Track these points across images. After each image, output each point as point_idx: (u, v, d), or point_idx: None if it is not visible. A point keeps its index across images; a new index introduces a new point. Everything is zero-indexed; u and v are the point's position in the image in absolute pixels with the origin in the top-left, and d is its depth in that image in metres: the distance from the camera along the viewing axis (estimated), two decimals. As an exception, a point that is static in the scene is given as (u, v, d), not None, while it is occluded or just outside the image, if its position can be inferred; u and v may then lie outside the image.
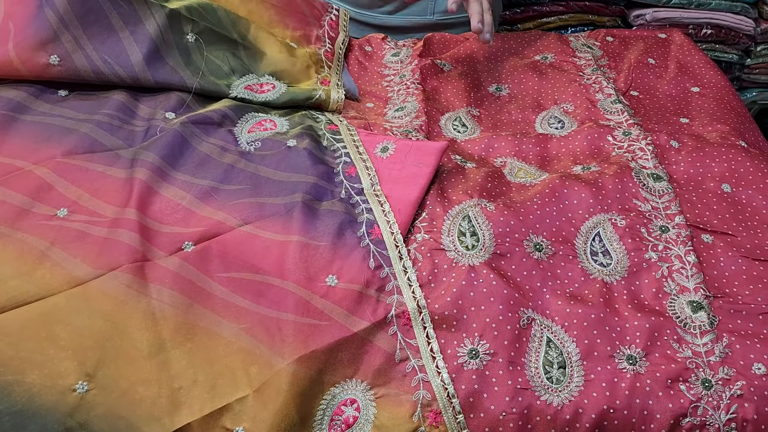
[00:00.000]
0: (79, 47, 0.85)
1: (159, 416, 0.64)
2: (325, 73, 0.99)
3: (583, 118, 0.98)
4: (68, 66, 0.85)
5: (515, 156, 0.92)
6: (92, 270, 0.69)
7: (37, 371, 0.63)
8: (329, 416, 0.67)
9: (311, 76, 0.97)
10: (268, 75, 0.94)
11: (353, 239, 0.73)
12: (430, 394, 0.67)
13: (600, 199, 0.83)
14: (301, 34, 1.04)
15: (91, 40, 0.86)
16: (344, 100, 0.97)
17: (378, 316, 0.69)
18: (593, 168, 0.88)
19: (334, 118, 0.93)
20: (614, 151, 0.91)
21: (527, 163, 0.92)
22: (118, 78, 0.87)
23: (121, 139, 0.81)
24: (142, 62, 0.86)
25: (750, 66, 1.49)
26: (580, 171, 0.88)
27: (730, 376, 0.69)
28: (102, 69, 0.86)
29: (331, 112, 0.95)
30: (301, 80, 0.96)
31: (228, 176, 0.79)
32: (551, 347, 0.70)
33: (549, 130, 0.98)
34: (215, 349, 0.67)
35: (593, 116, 0.98)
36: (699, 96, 1.05)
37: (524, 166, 0.91)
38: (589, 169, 0.88)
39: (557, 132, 0.97)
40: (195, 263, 0.70)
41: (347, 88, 1.00)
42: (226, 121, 0.87)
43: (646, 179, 0.86)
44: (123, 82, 0.87)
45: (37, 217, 0.73)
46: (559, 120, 0.99)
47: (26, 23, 0.84)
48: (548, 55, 1.11)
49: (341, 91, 0.96)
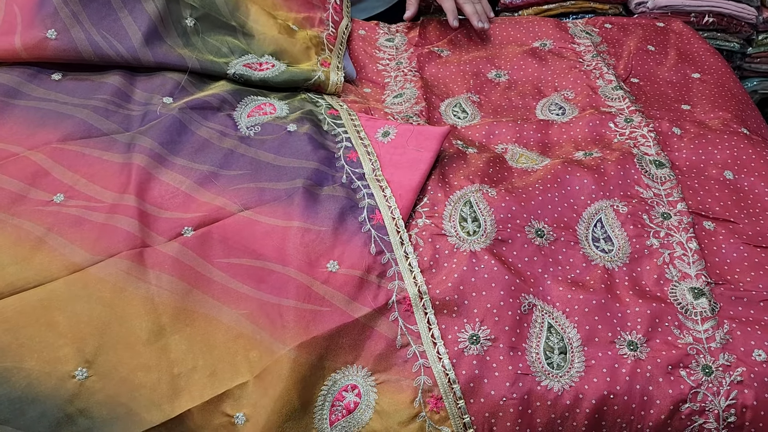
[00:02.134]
0: (77, 22, 0.84)
1: (159, 402, 0.64)
2: (325, 55, 0.98)
3: (584, 104, 0.97)
4: (66, 41, 0.83)
5: (516, 142, 0.92)
6: (90, 256, 0.68)
7: (36, 357, 0.63)
8: (330, 402, 0.67)
9: (311, 57, 0.96)
10: (268, 55, 0.93)
11: (354, 224, 0.73)
12: (431, 379, 0.67)
13: (602, 185, 0.82)
14: (304, 17, 1.03)
15: (90, 16, 0.85)
16: (343, 83, 0.96)
17: (379, 302, 0.69)
18: (595, 154, 0.88)
19: (334, 102, 0.92)
20: (616, 137, 0.91)
21: (528, 149, 0.91)
22: (118, 55, 0.85)
23: (118, 123, 0.80)
24: (142, 40, 0.85)
25: (751, 55, 1.48)
26: (582, 157, 0.88)
27: (730, 362, 0.69)
28: (101, 45, 0.84)
29: (330, 96, 0.94)
30: (301, 61, 0.95)
31: (228, 161, 0.78)
32: (552, 333, 0.70)
33: (550, 116, 0.97)
34: (215, 335, 0.66)
35: (594, 103, 0.97)
36: (700, 82, 1.04)
37: (525, 152, 0.90)
38: (591, 155, 0.88)
39: (558, 118, 0.96)
40: (195, 249, 0.70)
41: (347, 72, 0.99)
42: (225, 106, 0.86)
43: (648, 166, 0.85)
44: (122, 60, 0.86)
45: (34, 202, 0.72)
46: (560, 106, 0.98)
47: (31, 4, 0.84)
48: (547, 42, 1.10)
49: (341, 74, 0.96)
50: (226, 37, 0.92)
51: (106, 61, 0.86)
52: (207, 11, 0.91)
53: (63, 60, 0.85)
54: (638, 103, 0.98)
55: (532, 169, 0.85)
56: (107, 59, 0.85)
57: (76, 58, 0.85)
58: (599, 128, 0.92)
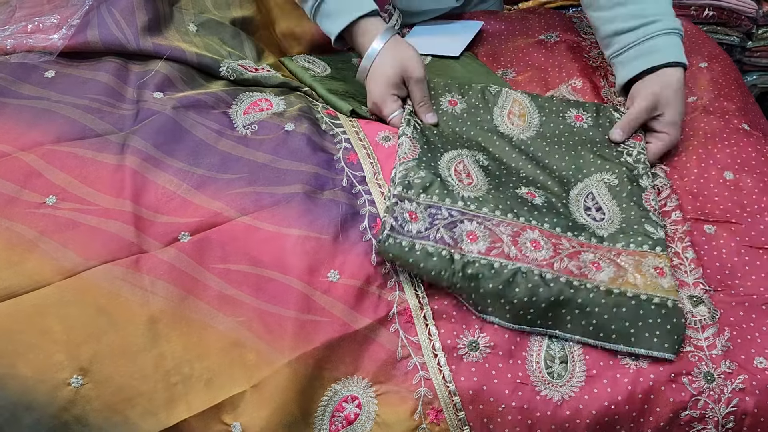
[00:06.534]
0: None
1: (155, 411, 0.63)
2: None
3: (590, 98, 0.96)
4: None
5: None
6: (83, 260, 0.67)
7: (30, 364, 0.62)
8: (330, 412, 0.66)
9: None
10: (267, 65, 0.93)
11: (355, 233, 0.72)
12: (431, 392, 0.66)
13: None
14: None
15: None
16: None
17: (379, 313, 0.68)
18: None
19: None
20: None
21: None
22: (125, 37, 0.86)
23: (111, 123, 0.79)
24: (147, 25, 0.87)
25: (751, 49, 1.47)
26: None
27: (732, 369, 0.69)
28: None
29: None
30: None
31: (225, 164, 0.77)
32: (553, 342, 0.69)
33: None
34: (211, 343, 0.66)
35: (598, 100, 0.96)
36: (708, 71, 1.02)
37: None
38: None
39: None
40: (191, 255, 0.69)
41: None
42: (220, 104, 0.84)
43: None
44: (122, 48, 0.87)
45: (26, 204, 0.71)
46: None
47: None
48: (553, 34, 1.09)
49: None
50: (228, 41, 0.92)
51: (109, 47, 0.86)
52: (209, 16, 0.93)
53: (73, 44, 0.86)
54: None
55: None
56: (112, 45, 0.86)
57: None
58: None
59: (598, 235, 0.75)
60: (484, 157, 0.81)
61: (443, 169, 0.77)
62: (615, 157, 0.83)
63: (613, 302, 0.68)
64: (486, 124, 0.85)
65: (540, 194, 0.78)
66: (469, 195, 0.74)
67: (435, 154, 0.79)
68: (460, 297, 0.69)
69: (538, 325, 0.69)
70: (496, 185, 0.77)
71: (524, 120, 0.85)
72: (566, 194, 0.79)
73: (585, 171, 0.82)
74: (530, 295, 0.68)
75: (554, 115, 0.87)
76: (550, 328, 0.69)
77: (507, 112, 0.86)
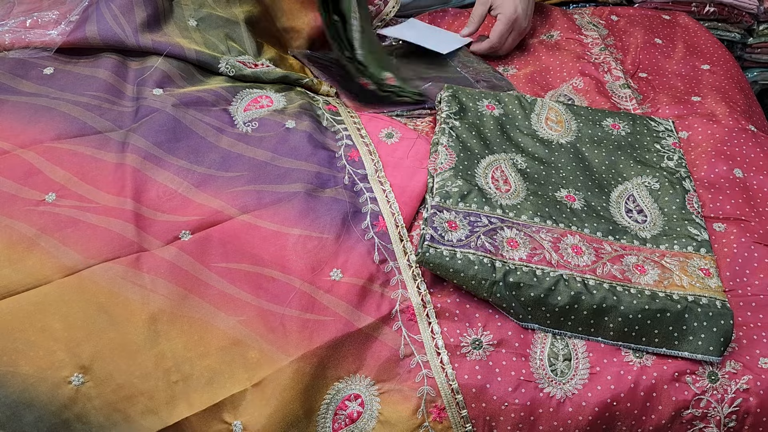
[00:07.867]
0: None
1: (156, 409, 0.63)
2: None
3: (592, 96, 0.96)
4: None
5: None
6: (83, 258, 0.67)
7: (31, 363, 0.62)
8: (333, 410, 0.66)
9: (309, 74, 0.96)
10: (266, 59, 0.92)
11: (358, 231, 0.72)
12: (434, 390, 0.66)
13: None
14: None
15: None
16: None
17: (382, 311, 0.68)
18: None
19: (331, 98, 0.91)
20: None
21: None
22: (124, 33, 0.85)
23: (110, 120, 0.78)
24: (146, 20, 0.86)
25: (752, 45, 1.46)
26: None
27: (736, 370, 0.69)
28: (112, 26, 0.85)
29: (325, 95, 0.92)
30: (297, 71, 0.95)
31: (225, 162, 0.76)
32: (557, 339, 0.69)
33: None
34: (211, 342, 0.65)
35: (603, 99, 0.96)
36: (710, 73, 1.02)
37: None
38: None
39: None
40: (192, 253, 0.68)
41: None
42: (220, 101, 0.84)
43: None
44: (121, 44, 0.86)
45: (25, 202, 0.70)
46: (569, 98, 0.97)
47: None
48: (554, 33, 1.08)
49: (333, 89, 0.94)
50: (227, 38, 0.91)
51: (107, 42, 0.85)
52: (209, 11, 0.93)
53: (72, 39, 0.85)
54: (645, 103, 0.97)
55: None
56: (110, 40, 0.85)
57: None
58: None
59: (641, 237, 0.75)
60: (522, 159, 0.81)
61: (480, 177, 0.77)
62: (656, 162, 0.83)
63: (658, 307, 0.68)
64: (525, 129, 0.86)
65: (579, 197, 0.78)
66: (507, 203, 0.74)
67: (472, 161, 0.79)
68: (500, 306, 0.69)
69: (579, 332, 0.69)
70: (534, 190, 0.77)
71: (562, 126, 0.86)
72: (607, 196, 0.79)
73: (625, 174, 0.82)
74: (572, 303, 0.67)
75: (591, 122, 0.87)
76: (593, 335, 0.69)
77: (544, 118, 0.87)
